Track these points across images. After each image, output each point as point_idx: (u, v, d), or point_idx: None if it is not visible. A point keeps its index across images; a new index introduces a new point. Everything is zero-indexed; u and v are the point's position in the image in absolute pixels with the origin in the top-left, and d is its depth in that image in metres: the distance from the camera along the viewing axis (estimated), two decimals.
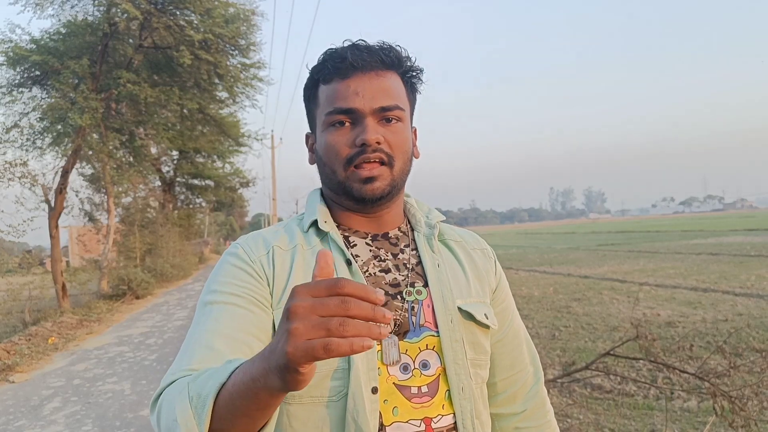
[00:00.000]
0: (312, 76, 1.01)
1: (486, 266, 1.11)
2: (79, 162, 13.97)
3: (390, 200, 1.01)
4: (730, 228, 37.49)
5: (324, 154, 0.99)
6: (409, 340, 0.96)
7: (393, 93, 0.97)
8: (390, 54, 0.98)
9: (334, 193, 1.02)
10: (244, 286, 0.93)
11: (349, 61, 0.95)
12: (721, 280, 11.76)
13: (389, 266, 1.01)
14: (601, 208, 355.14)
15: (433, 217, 1.09)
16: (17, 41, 11.82)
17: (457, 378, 0.96)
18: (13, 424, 5.00)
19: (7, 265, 12.95)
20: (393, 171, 0.97)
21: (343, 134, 0.96)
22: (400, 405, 0.93)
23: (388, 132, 0.96)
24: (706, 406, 4.26)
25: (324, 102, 0.98)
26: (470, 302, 1.01)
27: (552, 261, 20.13)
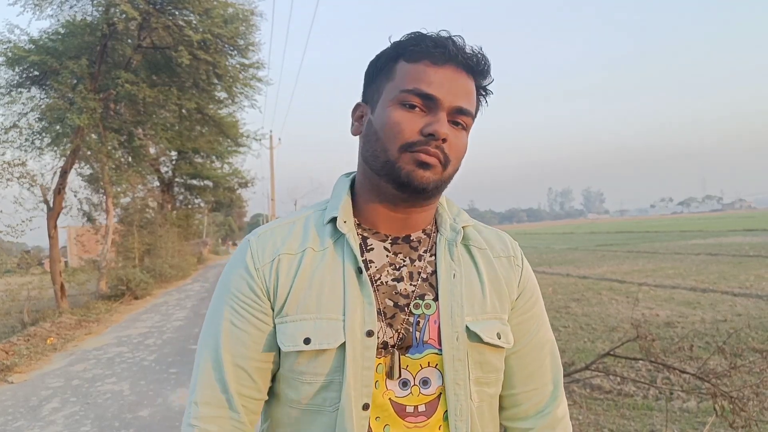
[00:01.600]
0: (395, 49, 0.96)
1: (509, 276, 1.04)
2: (78, 162, 13.95)
3: (428, 199, 0.97)
4: (729, 228, 37.53)
5: (382, 129, 0.94)
6: (410, 355, 0.94)
7: (471, 99, 0.95)
8: (481, 62, 0.95)
9: (375, 173, 0.96)
10: (245, 302, 0.95)
11: (448, 51, 0.92)
12: (720, 280, 11.77)
13: (403, 274, 0.97)
14: (600, 209, 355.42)
15: (461, 221, 1.05)
16: (16, 41, 11.78)
17: (455, 398, 0.93)
18: (11, 424, 4.99)
19: (5, 265, 12.92)
20: (444, 172, 0.94)
21: (413, 117, 0.91)
22: (393, 423, 0.92)
23: (453, 134, 0.93)
24: (706, 407, 4.27)
25: (402, 78, 0.93)
26: (482, 319, 0.97)
27: (551, 261, 20.14)
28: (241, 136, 20.64)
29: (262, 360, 0.95)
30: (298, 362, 0.91)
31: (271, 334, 0.94)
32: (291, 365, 0.92)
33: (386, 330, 0.93)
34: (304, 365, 0.91)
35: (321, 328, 0.90)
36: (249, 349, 0.94)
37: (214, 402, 0.93)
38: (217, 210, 35.27)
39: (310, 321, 0.91)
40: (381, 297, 0.94)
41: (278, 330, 0.93)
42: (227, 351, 0.93)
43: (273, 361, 0.96)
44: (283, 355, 0.93)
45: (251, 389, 0.95)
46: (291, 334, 0.91)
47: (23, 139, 12.91)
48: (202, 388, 0.94)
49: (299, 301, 0.92)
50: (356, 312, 0.91)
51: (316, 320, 0.91)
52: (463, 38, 0.95)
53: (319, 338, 0.90)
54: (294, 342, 0.90)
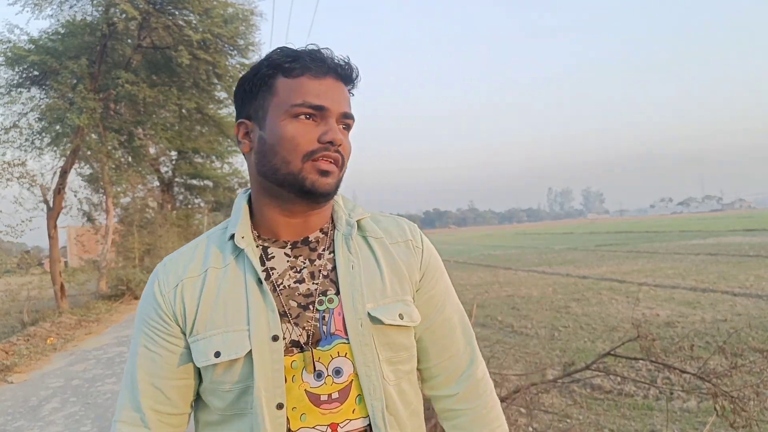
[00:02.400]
0: (271, 66, 1.01)
1: (408, 259, 1.11)
2: (78, 162, 13.96)
3: (327, 201, 1.05)
4: (729, 228, 37.52)
5: (279, 143, 0.99)
6: (321, 348, 1.00)
7: (350, 104, 1.05)
8: (354, 72, 1.04)
9: (276, 185, 1.02)
10: (155, 326, 1.03)
11: (328, 64, 1.00)
12: (720, 280, 11.78)
13: (304, 276, 1.04)
14: (600, 209, 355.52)
15: (355, 215, 1.11)
16: (16, 41, 11.80)
17: (367, 380, 1.00)
18: (11, 424, 4.99)
19: (5, 265, 12.92)
20: (340, 173, 1.02)
21: (308, 128, 0.98)
22: (308, 412, 0.99)
23: (344, 138, 1.02)
24: (706, 407, 4.27)
25: (287, 93, 0.99)
26: (384, 304, 1.04)
27: (551, 261, 20.14)
28: None
29: (177, 378, 1.03)
30: (216, 374, 0.99)
31: (184, 354, 1.03)
32: (210, 378, 1.00)
33: (293, 330, 1.00)
34: (221, 376, 0.99)
35: (229, 340, 0.98)
36: (162, 369, 1.03)
37: (129, 420, 1.04)
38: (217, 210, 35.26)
39: (218, 335, 0.98)
40: (285, 300, 1.01)
41: (192, 348, 1.01)
42: (143, 372, 1.03)
43: (191, 377, 1.05)
44: (202, 369, 1.01)
45: (167, 406, 1.04)
46: (203, 350, 0.99)
47: (23, 139, 12.93)
48: (121, 408, 1.05)
49: (207, 318, 1.00)
50: (260, 320, 0.98)
51: (224, 333, 0.98)
52: (331, 50, 1.04)
53: (228, 350, 0.97)
54: (206, 357, 0.98)
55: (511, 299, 10.93)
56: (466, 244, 42.60)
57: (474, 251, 31.19)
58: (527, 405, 3.80)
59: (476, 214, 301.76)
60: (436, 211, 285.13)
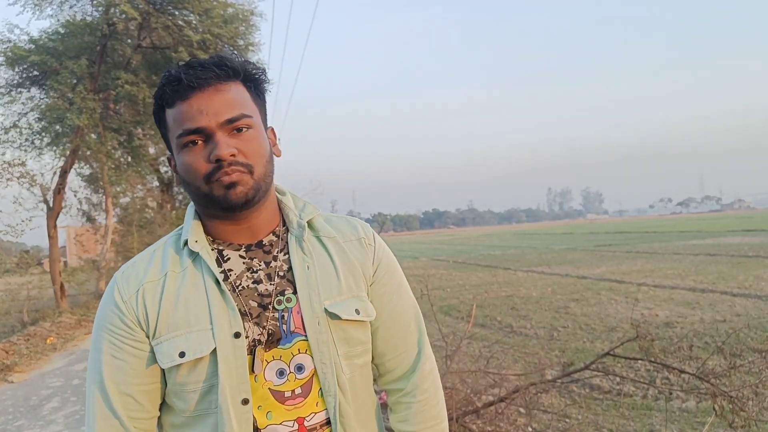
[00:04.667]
0: (156, 101, 1.04)
1: (361, 256, 1.14)
2: (78, 162, 13.97)
3: (257, 204, 1.04)
4: (728, 229, 37.55)
5: (185, 174, 1.02)
6: (282, 346, 1.02)
7: (236, 103, 1.00)
8: (224, 65, 1.00)
9: (203, 206, 1.06)
10: (117, 333, 1.03)
11: (185, 82, 0.97)
12: (719, 280, 11.80)
13: (261, 277, 1.06)
14: (599, 209, 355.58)
15: (306, 214, 1.12)
16: (16, 41, 11.80)
17: (323, 376, 1.03)
18: (12, 423, 5.00)
19: (5, 265, 12.94)
20: (254, 176, 1.00)
21: (197, 153, 0.99)
22: (274, 409, 1.01)
23: (241, 142, 0.99)
24: (705, 407, 4.28)
25: (173, 125, 1.01)
26: (340, 300, 1.06)
27: (550, 261, 20.16)
28: None
29: (145, 383, 1.03)
30: (180, 375, 1.00)
31: (149, 357, 1.03)
32: (174, 379, 1.01)
33: (254, 329, 1.01)
34: (185, 377, 1.00)
35: (192, 340, 0.99)
36: (130, 375, 1.02)
37: (108, 428, 1.02)
38: None
39: (181, 336, 0.99)
40: (244, 300, 1.03)
41: (156, 351, 1.01)
42: (111, 381, 1.02)
43: (158, 380, 1.04)
44: (166, 371, 1.02)
45: (139, 411, 1.03)
46: (166, 352, 0.99)
47: (23, 139, 12.93)
48: (97, 419, 1.02)
49: (169, 321, 1.01)
50: (222, 319, 1.00)
51: (187, 334, 0.99)
52: (198, 58, 1.03)
53: (193, 349, 0.98)
54: (171, 358, 0.99)
55: (510, 299, 10.94)
56: (466, 245, 42.61)
57: (473, 251, 31.20)
58: (526, 405, 3.81)
59: (475, 214, 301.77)
60: (436, 211, 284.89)
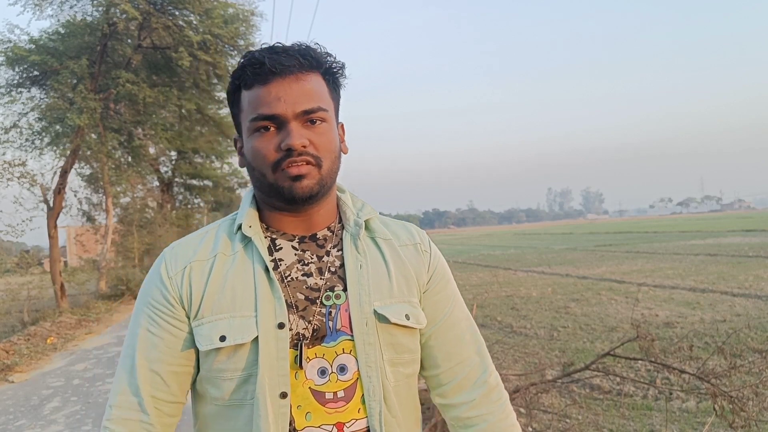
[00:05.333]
0: (233, 81, 1.02)
1: (417, 262, 1.11)
2: (78, 162, 13.97)
3: (320, 199, 1.02)
4: (728, 229, 37.53)
5: (252, 159, 1.00)
6: (326, 344, 0.99)
7: (315, 95, 0.98)
8: (308, 55, 0.98)
9: (265, 195, 1.03)
10: (159, 309, 1.01)
11: (268, 66, 0.95)
12: (720, 280, 11.79)
13: (312, 270, 1.03)
14: (599, 209, 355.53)
15: (364, 214, 1.10)
16: (16, 41, 11.80)
17: (368, 380, 0.98)
18: (13, 423, 5.00)
19: (5, 265, 12.94)
20: (321, 171, 0.99)
21: (268, 139, 0.97)
22: (314, 410, 0.97)
23: (313, 134, 0.97)
24: (705, 407, 4.29)
25: (247, 108, 0.99)
26: (390, 303, 1.03)
27: (550, 261, 20.15)
28: None
29: (177, 364, 1.00)
30: (217, 360, 0.97)
31: (187, 338, 1.00)
32: (211, 365, 0.98)
33: (299, 322, 0.98)
34: (223, 363, 0.96)
35: (235, 325, 0.96)
36: (163, 353, 1.00)
37: (125, 405, 0.99)
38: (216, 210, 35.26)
39: (224, 320, 0.96)
40: (292, 291, 1.00)
41: (195, 332, 0.99)
42: (142, 356, 1.00)
43: (190, 365, 1.02)
44: (203, 355, 0.99)
45: (165, 393, 1.00)
46: (207, 334, 0.97)
47: (23, 139, 12.93)
48: (117, 392, 1.01)
49: (213, 303, 0.98)
50: (267, 307, 0.97)
51: (230, 318, 0.96)
52: (282, 43, 1.00)
53: (234, 334, 0.95)
54: (210, 341, 0.96)
55: (510, 299, 10.95)
56: (466, 245, 42.61)
57: (473, 251, 31.20)
58: (527, 405, 3.82)
59: (476, 214, 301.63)
60: (436, 211, 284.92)
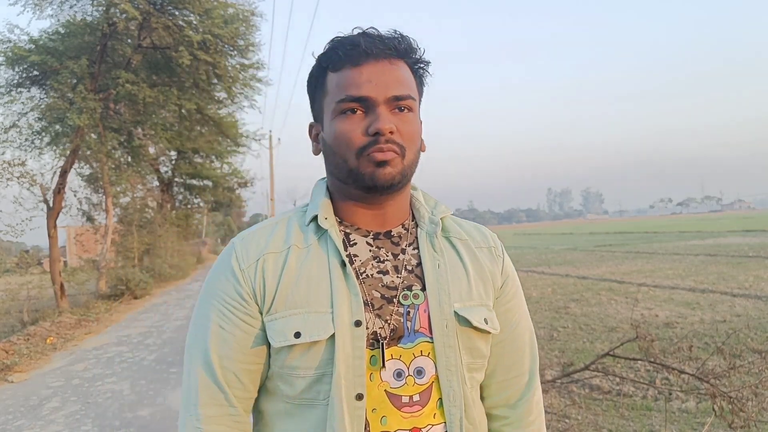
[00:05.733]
0: (319, 63, 0.99)
1: (492, 266, 1.07)
2: (78, 162, 13.95)
3: (398, 190, 0.99)
4: (728, 229, 37.54)
5: (334, 143, 0.96)
6: (403, 345, 0.95)
7: (405, 82, 0.96)
8: (402, 43, 0.96)
9: (343, 183, 0.99)
10: (231, 304, 0.96)
11: (362, 48, 0.93)
12: (719, 281, 11.79)
13: (388, 268, 0.99)
14: (599, 209, 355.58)
15: (438, 213, 1.06)
16: (16, 41, 11.80)
17: (448, 384, 0.95)
18: (12, 423, 5.00)
19: (4, 265, 12.94)
20: (404, 161, 0.95)
21: (355, 122, 0.93)
22: (390, 414, 0.93)
23: (400, 122, 0.94)
24: (704, 407, 4.28)
25: (334, 90, 0.95)
26: (469, 306, 0.99)
27: (550, 261, 20.14)
28: (240, 136, 20.67)
29: (250, 362, 0.96)
30: (290, 357, 0.92)
31: (259, 335, 0.96)
32: (283, 361, 0.93)
33: (375, 321, 0.94)
34: (297, 360, 0.92)
35: (310, 321, 0.92)
36: (235, 351, 0.95)
37: (213, 402, 0.95)
38: (216, 210, 35.24)
39: (299, 315, 0.92)
40: (367, 289, 0.96)
41: (268, 327, 0.94)
42: (215, 353, 0.95)
43: (262, 361, 0.97)
44: (275, 352, 0.94)
45: (240, 390, 0.96)
46: (281, 330, 0.92)
47: (23, 138, 12.94)
48: (198, 390, 0.95)
49: (287, 297, 0.94)
50: (343, 304, 0.92)
51: (305, 314, 0.92)
52: (376, 28, 0.96)
53: (309, 331, 0.91)
54: (284, 337, 0.92)
55: None
56: None
57: None
58: None
59: (475, 214, 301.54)
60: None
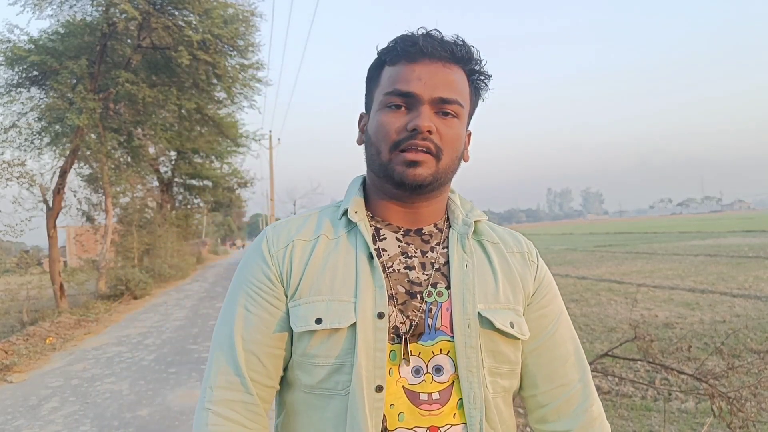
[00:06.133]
0: (380, 56, 1.00)
1: (524, 271, 1.06)
2: (77, 162, 13.96)
3: (430, 192, 0.99)
4: (728, 229, 37.55)
5: (373, 134, 0.98)
6: (423, 342, 0.94)
7: (456, 87, 0.96)
8: (461, 49, 0.97)
9: (376, 176, 1.01)
10: (259, 288, 0.98)
11: (420, 46, 0.94)
12: (719, 281, 11.79)
13: (415, 264, 0.99)
14: (599, 209, 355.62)
15: (473, 216, 1.06)
16: (16, 41, 11.79)
17: (468, 385, 0.93)
18: (11, 423, 4.99)
19: (4, 265, 12.93)
20: (439, 164, 0.95)
21: (397, 116, 0.94)
22: (407, 411, 0.92)
23: (443, 124, 0.94)
24: (704, 407, 4.28)
25: (385, 82, 0.97)
26: (495, 308, 0.97)
27: (550, 262, 20.06)
28: (240, 136, 20.67)
29: (273, 345, 0.96)
30: (311, 344, 0.93)
31: (283, 319, 0.97)
32: (304, 349, 0.94)
33: (397, 315, 0.94)
34: (317, 347, 0.93)
35: (333, 309, 0.92)
36: (261, 333, 0.96)
37: (228, 385, 0.95)
38: (216, 210, 35.22)
39: (322, 302, 0.93)
40: (393, 283, 0.97)
41: (291, 312, 0.95)
42: (239, 335, 0.96)
43: (284, 347, 0.97)
44: (296, 338, 0.95)
45: (261, 375, 0.96)
46: (303, 315, 0.93)
47: (22, 138, 12.93)
48: (216, 372, 0.96)
49: (312, 284, 0.95)
50: (368, 295, 0.93)
51: (329, 302, 0.93)
52: (440, 31, 0.97)
53: (331, 318, 0.92)
54: (306, 322, 0.93)
55: None
56: None
57: None
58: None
59: None
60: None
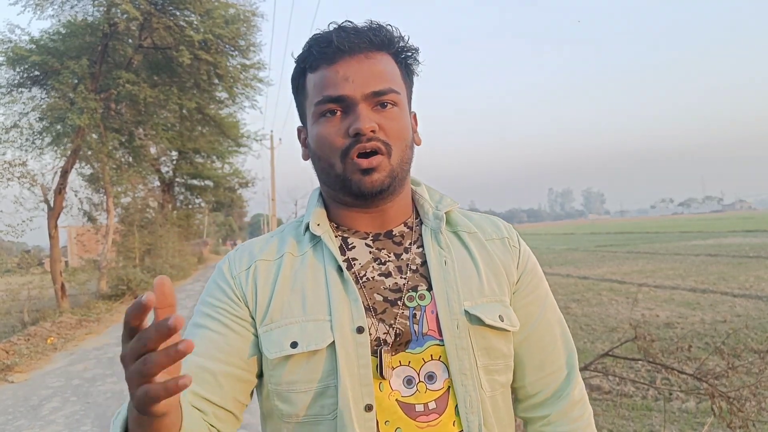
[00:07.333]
0: (298, 64, 0.94)
1: (505, 258, 0.99)
2: (79, 162, 13.97)
3: (392, 193, 0.93)
4: (729, 229, 37.49)
5: (317, 148, 0.92)
6: (411, 350, 0.88)
7: (386, 76, 0.90)
8: (379, 34, 0.90)
9: (332, 189, 0.95)
10: (220, 306, 0.91)
11: (335, 44, 0.87)
12: (720, 281, 11.77)
13: (390, 269, 0.93)
14: (600, 209, 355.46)
15: (444, 206, 0.99)
16: (17, 41, 11.82)
17: (463, 389, 0.87)
18: (12, 423, 5.00)
19: (5, 265, 12.95)
20: (391, 161, 0.89)
21: (334, 124, 0.88)
22: (404, 426, 0.86)
23: (383, 118, 0.89)
24: (704, 407, 4.28)
25: (312, 91, 0.91)
26: (482, 303, 0.91)
27: (551, 262, 20.12)
28: (241, 136, 20.68)
29: (235, 365, 0.88)
30: (288, 371, 0.86)
31: (250, 340, 0.90)
32: (280, 377, 0.87)
33: (378, 326, 0.88)
34: (296, 373, 0.86)
35: (308, 330, 0.86)
36: (219, 350, 0.88)
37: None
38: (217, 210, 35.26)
39: (296, 325, 0.87)
40: (369, 293, 0.91)
41: (263, 339, 0.88)
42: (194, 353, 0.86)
43: (249, 370, 0.90)
44: (271, 366, 0.88)
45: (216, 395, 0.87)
46: (277, 340, 0.87)
47: (24, 138, 12.96)
48: None
49: (283, 306, 0.89)
50: (343, 310, 0.87)
51: (303, 323, 0.87)
52: (352, 21, 0.92)
53: (307, 340, 0.85)
54: (280, 347, 0.86)
55: None
56: None
57: None
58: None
59: None
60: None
